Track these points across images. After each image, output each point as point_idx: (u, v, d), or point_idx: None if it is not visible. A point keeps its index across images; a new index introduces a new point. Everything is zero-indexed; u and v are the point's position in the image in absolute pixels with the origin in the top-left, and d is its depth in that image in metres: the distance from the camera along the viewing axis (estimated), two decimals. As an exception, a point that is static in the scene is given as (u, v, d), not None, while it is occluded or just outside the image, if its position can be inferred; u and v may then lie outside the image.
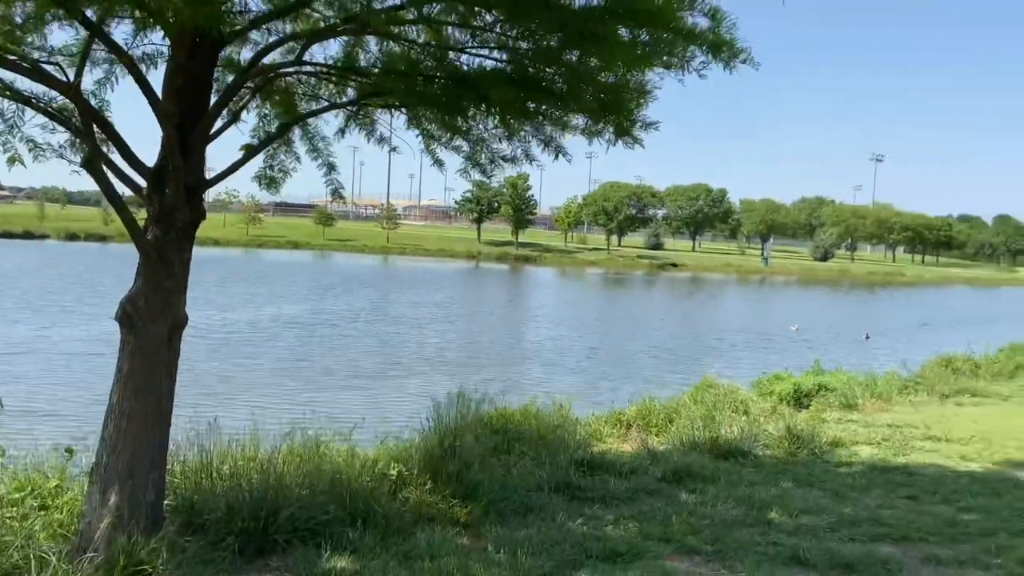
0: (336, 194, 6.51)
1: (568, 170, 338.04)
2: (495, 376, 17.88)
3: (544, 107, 5.59)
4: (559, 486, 6.98)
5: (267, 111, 6.12)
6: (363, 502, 5.89)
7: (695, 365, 21.09)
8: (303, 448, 6.56)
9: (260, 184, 6.26)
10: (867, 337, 31.20)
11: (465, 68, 5.27)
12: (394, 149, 6.34)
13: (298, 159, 6.25)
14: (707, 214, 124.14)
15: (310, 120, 6.13)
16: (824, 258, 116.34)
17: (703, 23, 4.76)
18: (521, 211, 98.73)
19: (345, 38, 5.48)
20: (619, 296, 55.67)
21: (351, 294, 38.76)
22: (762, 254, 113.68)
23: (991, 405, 13.94)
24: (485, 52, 5.34)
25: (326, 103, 6.02)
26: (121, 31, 5.22)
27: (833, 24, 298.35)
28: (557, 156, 6.00)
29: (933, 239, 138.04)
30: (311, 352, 21.07)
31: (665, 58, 4.81)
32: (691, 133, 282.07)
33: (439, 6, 4.73)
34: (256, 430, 6.67)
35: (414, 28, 5.19)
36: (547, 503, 6.57)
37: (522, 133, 5.77)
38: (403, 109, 5.76)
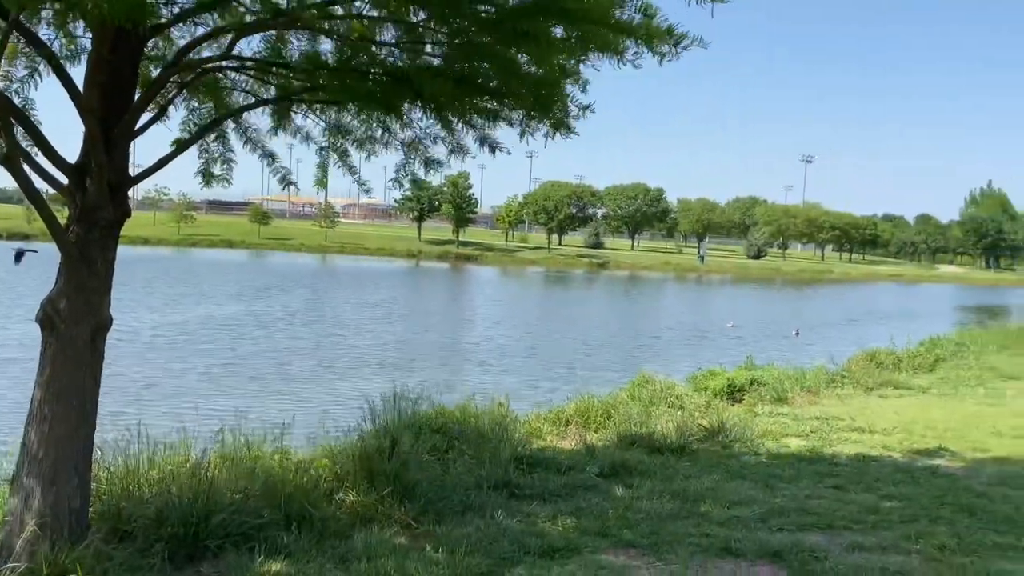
0: (286, 181, 6.40)
1: (509, 169, 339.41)
2: (435, 376, 17.80)
3: (480, 102, 5.60)
4: (498, 484, 7.00)
5: (196, 106, 5.98)
6: (298, 505, 5.80)
7: (634, 361, 21.41)
8: (235, 451, 6.42)
9: (203, 181, 6.10)
10: (797, 333, 32.02)
11: (399, 64, 5.24)
12: (322, 148, 6.25)
13: (233, 153, 6.12)
14: (645, 213, 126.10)
15: (244, 114, 6.01)
16: (758, 256, 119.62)
17: (637, 18, 4.85)
18: (462, 210, 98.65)
19: (274, 33, 5.39)
20: (560, 294, 56.12)
21: (287, 294, 38.06)
22: (698, 252, 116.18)
23: (912, 397, 14.54)
24: (419, 48, 5.33)
25: (254, 99, 5.90)
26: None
27: (770, 23, 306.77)
28: (494, 151, 6.02)
29: (859, 238, 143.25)
30: (243, 354, 20.59)
31: (598, 52, 4.88)
32: (630, 133, 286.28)
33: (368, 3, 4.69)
34: (186, 434, 6.50)
35: (346, 23, 5.14)
36: (486, 501, 6.58)
37: (458, 129, 5.76)
38: (335, 106, 5.70)
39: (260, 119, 6.14)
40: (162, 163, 5.37)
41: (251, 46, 5.57)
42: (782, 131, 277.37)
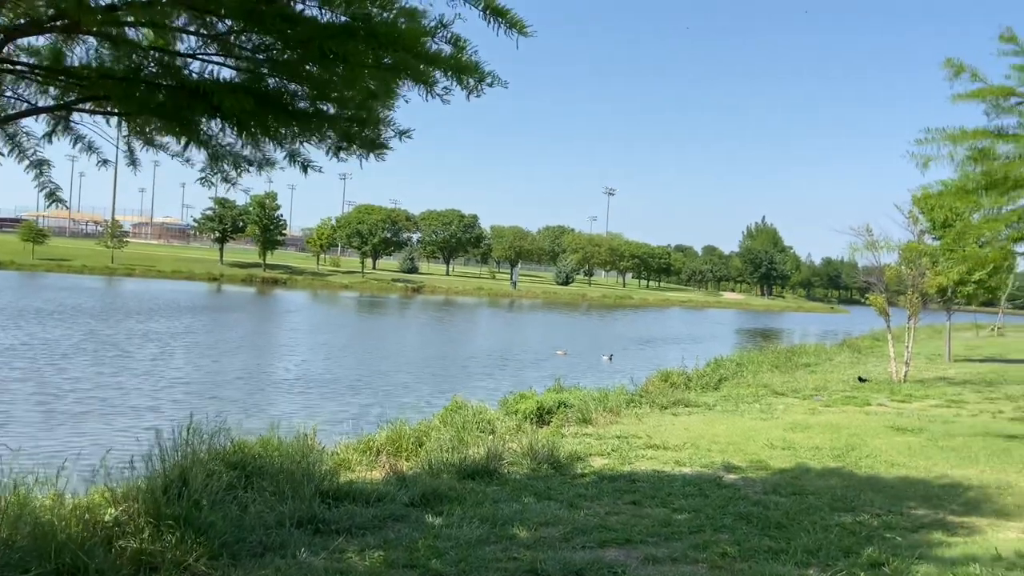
0: (53, 198, 5.63)
1: (321, 191, 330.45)
2: (235, 407, 16.80)
3: (287, 121, 5.39)
4: (302, 520, 6.67)
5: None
6: (71, 555, 5.18)
7: (447, 387, 21.47)
8: (-4, 497, 5.64)
9: None
10: (610, 358, 32.72)
11: (195, 76, 4.92)
12: (104, 162, 5.71)
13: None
14: (460, 239, 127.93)
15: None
16: (566, 282, 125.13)
17: (447, 49, 4.90)
18: (270, 231, 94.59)
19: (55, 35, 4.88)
20: (374, 320, 55.26)
21: (66, 320, 34.36)
22: (511, 278, 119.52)
23: (700, 414, 15.75)
24: (219, 60, 5.04)
25: (27, 104, 5.29)
26: None
27: (574, 61, 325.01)
28: (305, 170, 5.79)
29: (656, 266, 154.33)
30: (9, 388, 18.28)
31: (410, 81, 4.87)
32: (446, 160, 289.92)
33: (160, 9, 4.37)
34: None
35: (136, 30, 4.76)
36: (288, 539, 6.25)
37: (265, 146, 5.49)
38: (123, 117, 5.24)
39: (36, 124, 5.49)
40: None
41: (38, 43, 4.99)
42: (588, 164, 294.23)
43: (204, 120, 5.26)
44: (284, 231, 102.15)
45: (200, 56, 5.06)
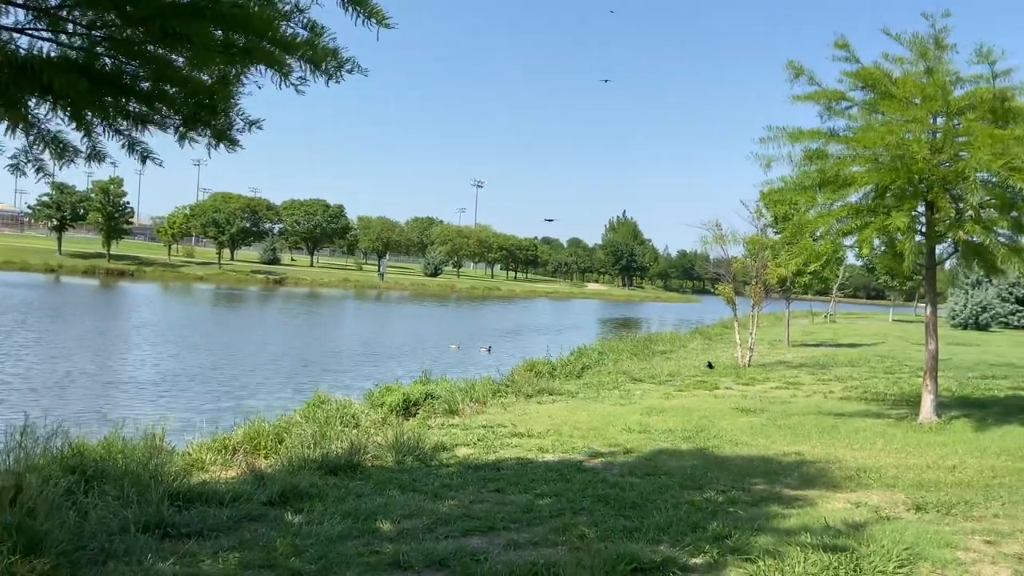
0: None
1: (174, 177, 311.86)
2: (76, 408, 15.64)
3: (127, 104, 5.05)
4: (149, 525, 6.31)
5: None
6: None
7: (311, 381, 20.92)
8: None
9: None
10: (489, 350, 32.89)
11: (23, 52, 4.52)
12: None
13: None
14: (325, 229, 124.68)
15: None
16: (435, 274, 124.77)
17: (303, 34, 4.75)
18: (115, 219, 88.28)
19: None
20: (232, 313, 52.89)
21: None
22: (379, 270, 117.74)
23: (563, 401, 16.21)
24: (50, 37, 4.65)
25: None
26: None
27: (436, 50, 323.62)
28: (144, 161, 5.46)
29: (523, 258, 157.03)
30: None
31: (262, 66, 4.68)
32: (309, 148, 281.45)
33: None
34: None
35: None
36: (133, 545, 5.89)
37: (98, 132, 5.11)
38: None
39: None
40: None
41: None
42: (458, 156, 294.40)
43: (34, 101, 4.85)
44: (131, 219, 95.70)
45: (29, 31, 4.66)
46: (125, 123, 5.04)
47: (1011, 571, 5.58)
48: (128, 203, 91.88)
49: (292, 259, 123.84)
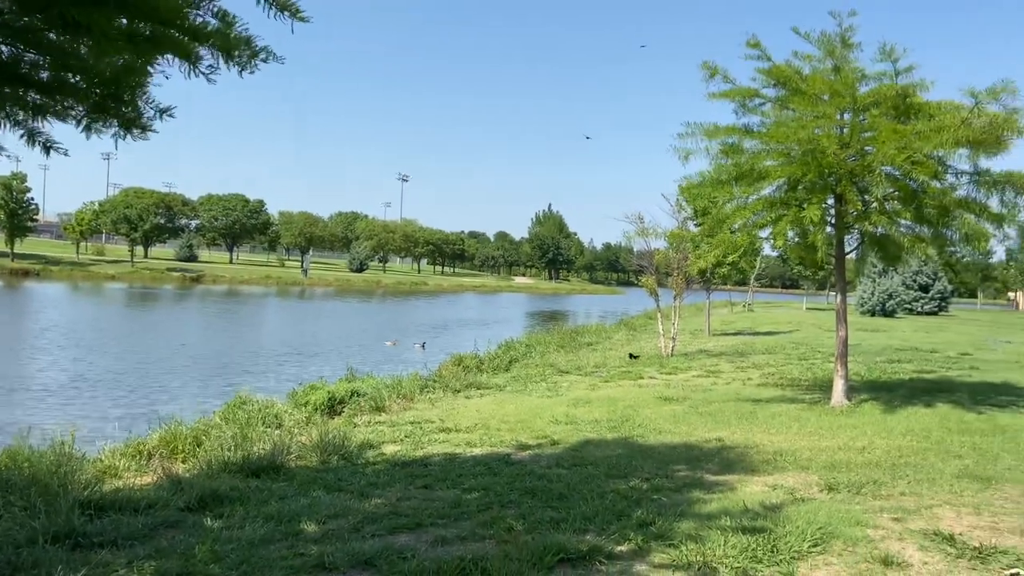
0: None
1: (81, 172, 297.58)
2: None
3: (26, 95, 4.77)
4: (58, 535, 6.02)
5: None
6: None
7: (232, 382, 20.34)
8: None
9: None
10: (423, 346, 32.57)
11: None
12: None
13: None
14: (244, 225, 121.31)
15: None
16: (360, 269, 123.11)
17: (214, 23, 4.58)
18: (18, 216, 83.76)
19: None
20: (144, 313, 50.89)
21: None
22: (302, 266, 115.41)
23: (491, 395, 16.25)
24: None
25: None
26: None
27: (365, 43, 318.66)
28: (48, 152, 5.17)
29: (450, 252, 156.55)
30: None
31: (170, 55, 4.50)
32: (228, 142, 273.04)
33: None
34: None
35: None
36: (42, 557, 5.60)
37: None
38: None
39: None
40: None
41: None
42: (382, 149, 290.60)
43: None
44: (36, 216, 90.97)
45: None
46: (23, 113, 4.76)
47: (916, 546, 5.88)
48: (32, 199, 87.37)
49: (210, 256, 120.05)
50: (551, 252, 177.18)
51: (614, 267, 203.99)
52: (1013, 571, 5.27)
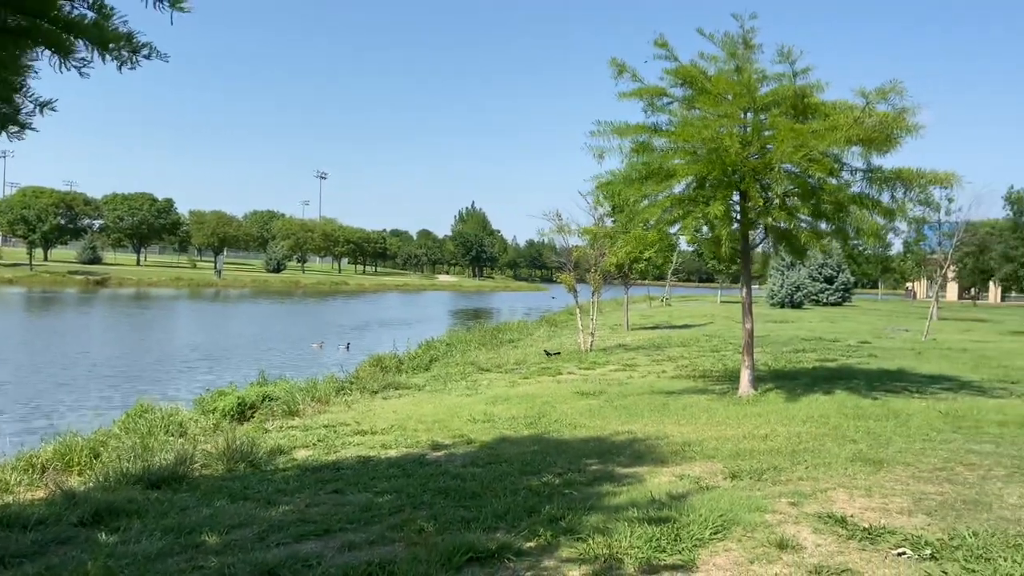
0: None
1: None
2: None
3: None
4: (-66, 560, 5.65)
5: None
6: None
7: (134, 390, 19.51)
8: None
9: None
10: (347, 347, 32.07)
11: None
12: None
13: None
14: (152, 225, 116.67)
15: None
16: (277, 269, 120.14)
17: (90, 15, 4.36)
18: (-100, 218, 78.23)
19: None
20: (42, 319, 48.27)
21: None
22: (215, 267, 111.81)
23: (409, 395, 16.11)
24: None
25: None
26: None
27: (272, 34, 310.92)
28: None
29: (372, 251, 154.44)
30: None
31: (43, 47, 4.25)
32: (133, 138, 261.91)
33: None
34: None
35: None
36: (-86, 586, 5.25)
37: None
38: None
39: None
40: None
41: None
42: (299, 146, 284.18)
43: None
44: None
45: None
46: None
47: (811, 529, 6.12)
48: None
49: (115, 258, 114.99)
50: (475, 250, 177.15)
51: (537, 264, 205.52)
52: (901, 550, 5.54)
